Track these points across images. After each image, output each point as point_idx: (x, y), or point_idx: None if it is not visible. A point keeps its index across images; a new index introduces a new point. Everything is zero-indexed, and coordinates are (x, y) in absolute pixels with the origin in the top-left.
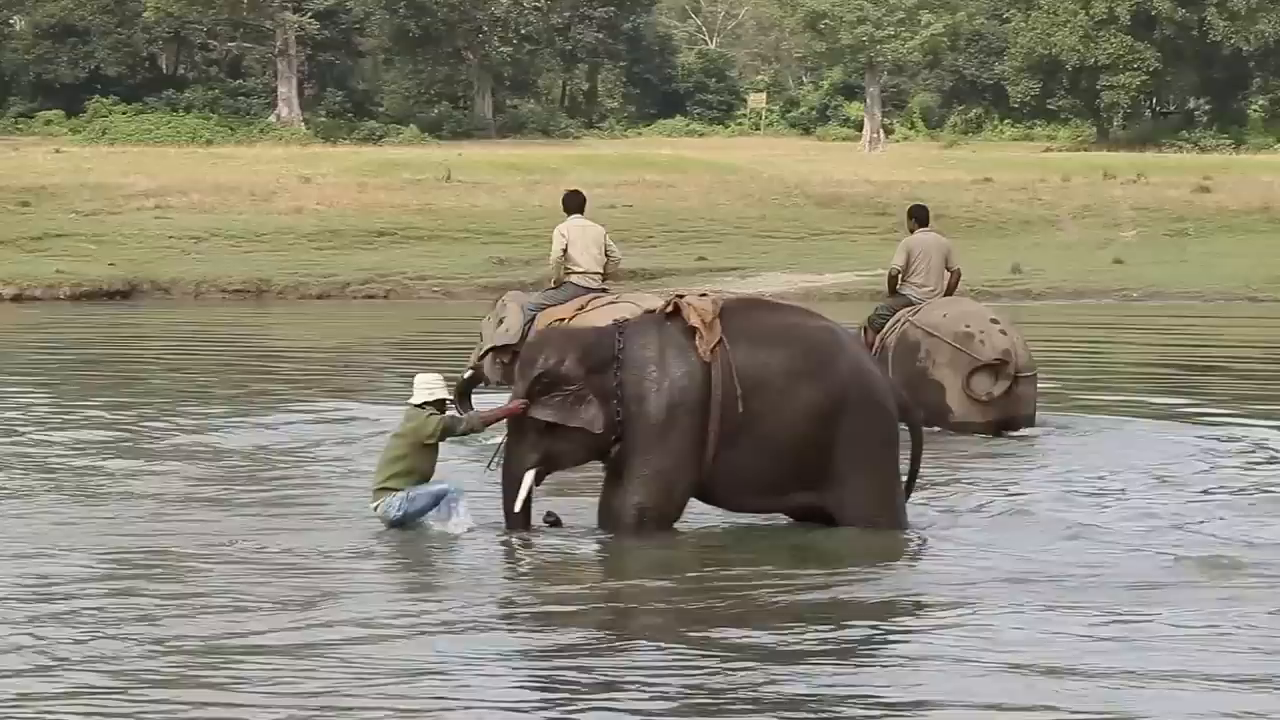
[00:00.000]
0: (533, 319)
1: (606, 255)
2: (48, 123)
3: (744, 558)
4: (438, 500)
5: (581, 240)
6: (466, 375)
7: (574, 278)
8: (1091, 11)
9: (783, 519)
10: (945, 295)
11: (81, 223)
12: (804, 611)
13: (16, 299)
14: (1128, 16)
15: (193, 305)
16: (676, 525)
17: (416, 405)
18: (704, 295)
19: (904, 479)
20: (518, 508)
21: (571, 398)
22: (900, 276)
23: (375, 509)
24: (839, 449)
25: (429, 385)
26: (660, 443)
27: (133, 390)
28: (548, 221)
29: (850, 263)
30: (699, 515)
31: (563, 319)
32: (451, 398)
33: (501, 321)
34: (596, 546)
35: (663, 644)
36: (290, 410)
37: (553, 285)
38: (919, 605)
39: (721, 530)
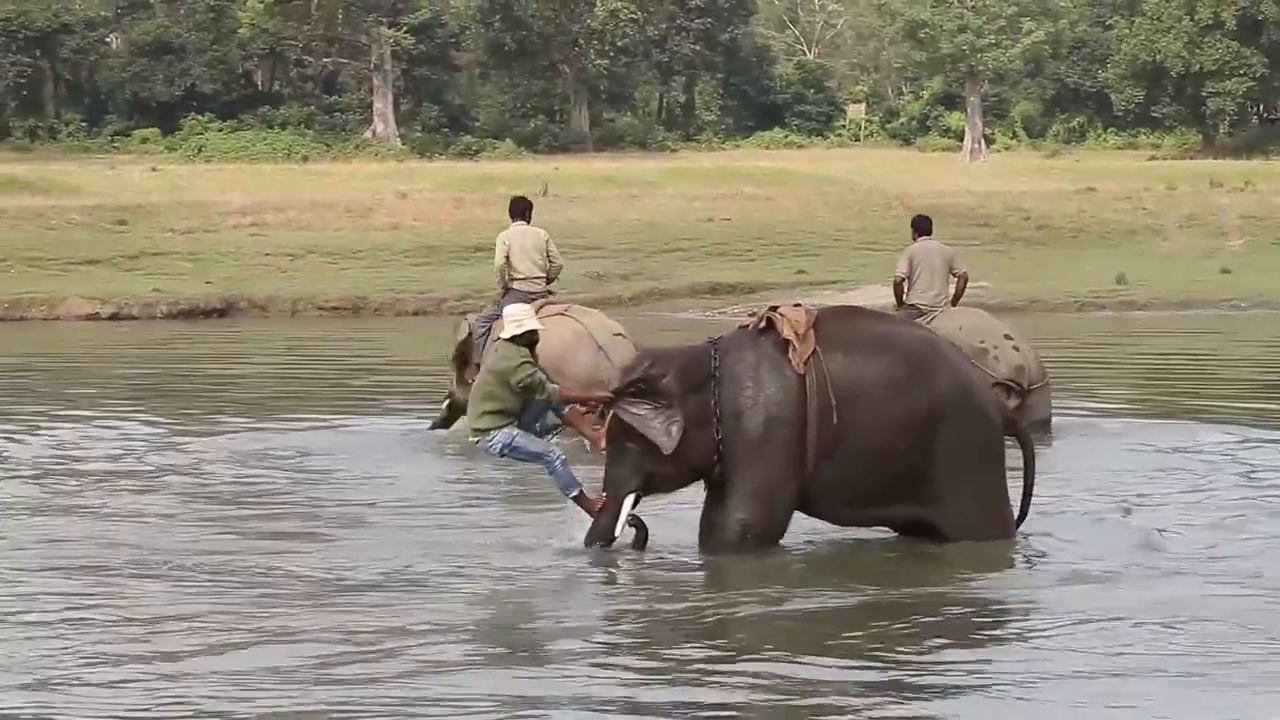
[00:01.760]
0: (486, 332)
1: (549, 260)
2: (144, 141)
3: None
4: (538, 459)
5: (522, 247)
6: (445, 404)
7: (517, 284)
8: (1197, 17)
9: (888, 533)
10: (953, 302)
11: (178, 241)
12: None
13: (114, 317)
14: (1234, 21)
15: (289, 322)
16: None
17: (507, 340)
18: (797, 306)
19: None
20: (617, 532)
21: (658, 412)
22: (905, 285)
23: (475, 442)
24: (939, 461)
25: (518, 318)
26: (759, 458)
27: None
28: (645, 236)
29: None
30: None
31: None
32: (540, 327)
33: (461, 336)
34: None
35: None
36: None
37: (501, 295)
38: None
39: (816, 546)
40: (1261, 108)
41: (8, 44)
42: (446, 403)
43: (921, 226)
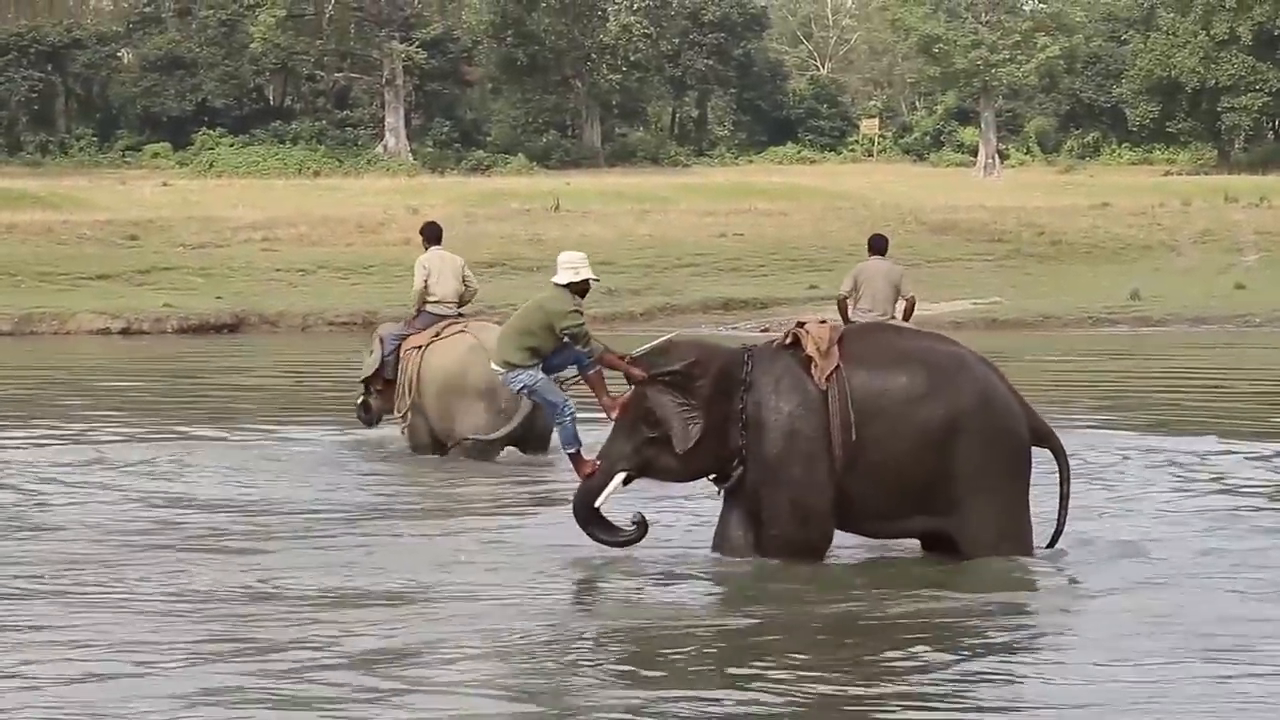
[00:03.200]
0: (396, 349)
1: (465, 284)
2: (155, 155)
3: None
4: (555, 410)
5: (441, 270)
6: (360, 402)
7: (430, 306)
8: (1212, 32)
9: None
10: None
11: (189, 256)
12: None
13: (124, 332)
14: (1250, 37)
15: (301, 338)
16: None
17: (560, 285)
18: (823, 322)
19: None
20: (598, 502)
21: (682, 409)
22: (849, 302)
23: (499, 374)
24: (959, 474)
25: (574, 264)
26: (783, 473)
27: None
28: (657, 251)
29: (965, 290)
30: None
31: (419, 346)
32: (594, 277)
33: (372, 353)
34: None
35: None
36: None
37: (414, 316)
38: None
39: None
40: (1277, 123)
41: (19, 59)
42: (361, 402)
43: (875, 245)
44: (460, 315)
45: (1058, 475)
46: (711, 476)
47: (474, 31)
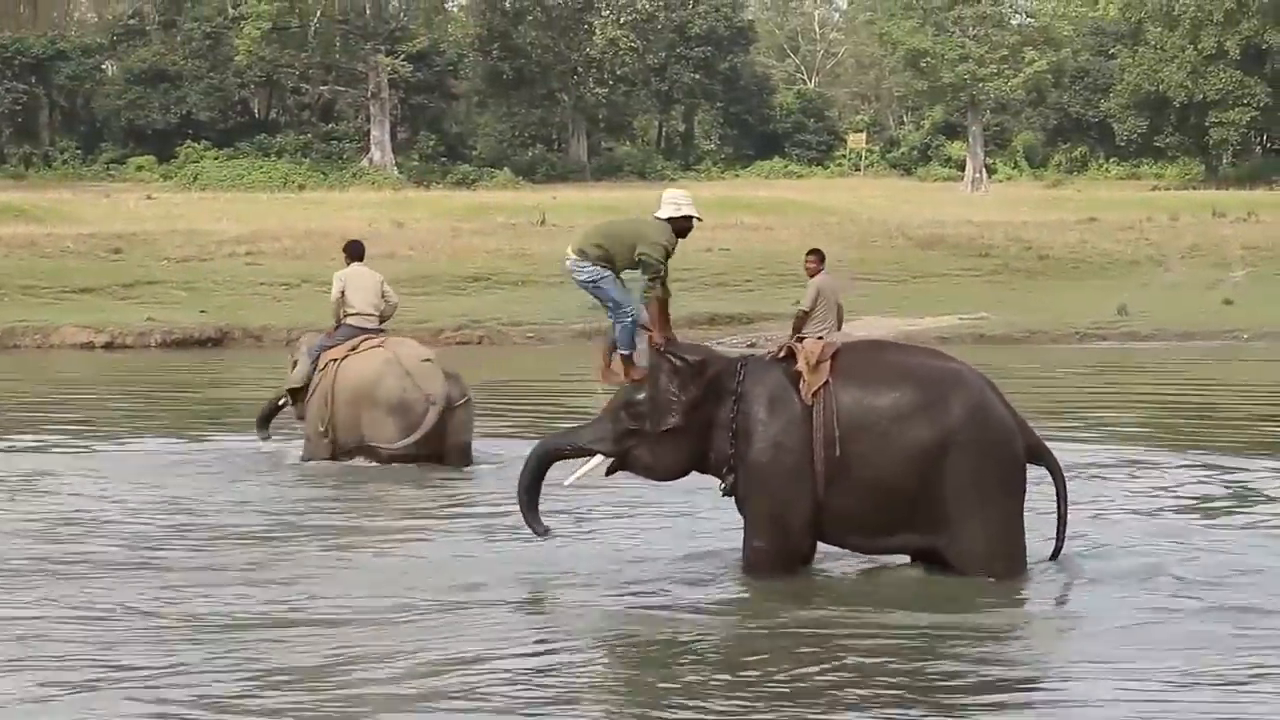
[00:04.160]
0: (316, 359)
1: (384, 300)
2: (139, 169)
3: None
4: (617, 308)
5: (358, 285)
6: (278, 402)
7: (351, 319)
8: (1200, 47)
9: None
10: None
11: (172, 270)
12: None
13: (108, 346)
14: (1237, 51)
15: (284, 352)
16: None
17: (663, 219)
18: (819, 338)
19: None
20: (569, 480)
21: (670, 398)
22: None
23: (566, 262)
24: (949, 491)
25: (677, 201)
26: (767, 485)
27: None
28: None
29: (952, 306)
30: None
31: (337, 359)
32: (697, 216)
33: (295, 365)
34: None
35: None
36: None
37: (334, 328)
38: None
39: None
40: (1265, 138)
41: (3, 71)
42: (280, 401)
43: (822, 257)
44: (381, 330)
45: (1055, 492)
46: (722, 488)
47: (460, 45)
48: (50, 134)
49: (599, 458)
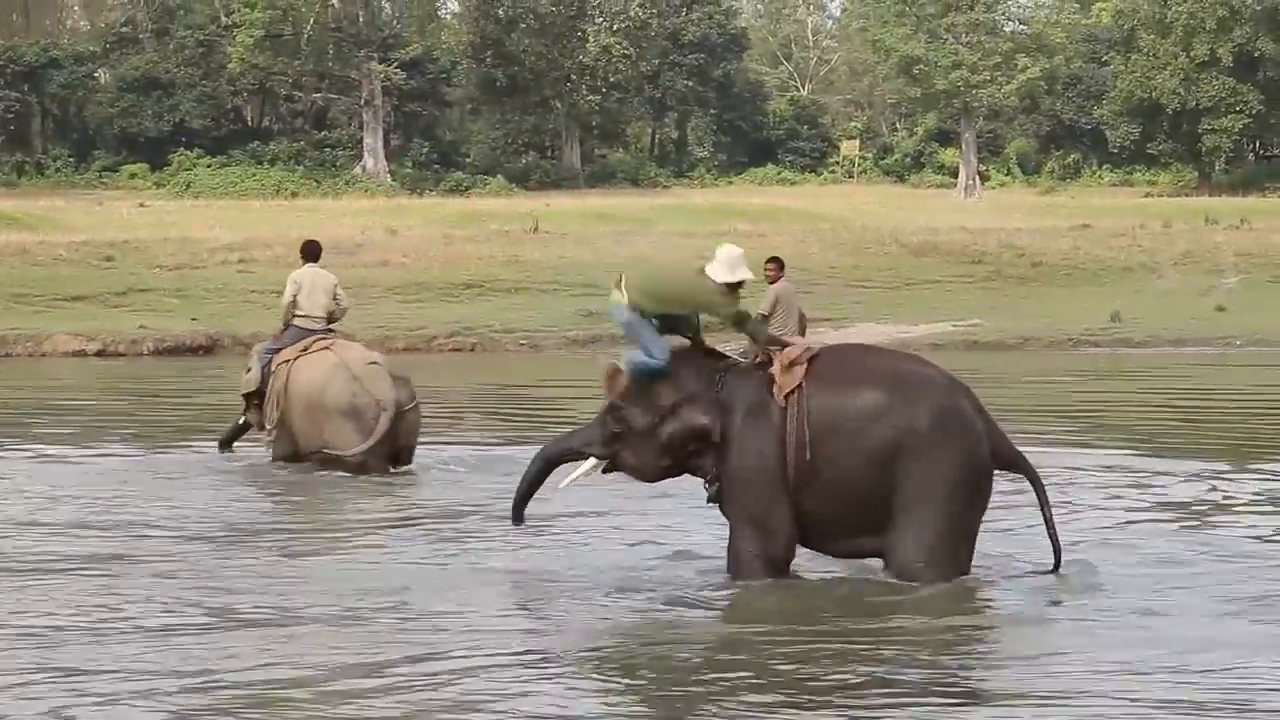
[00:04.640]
0: (268, 363)
1: (335, 302)
2: (132, 176)
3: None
4: (645, 355)
5: (311, 286)
6: (240, 422)
7: (299, 321)
8: (1193, 54)
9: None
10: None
11: (165, 277)
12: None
13: (100, 354)
14: (1230, 58)
15: None
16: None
17: (718, 282)
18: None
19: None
20: (564, 484)
21: (650, 408)
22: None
23: (611, 298)
24: (897, 495)
25: (731, 263)
26: (745, 489)
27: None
28: None
29: (945, 312)
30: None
31: (287, 360)
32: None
33: (249, 370)
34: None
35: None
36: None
37: (282, 330)
38: None
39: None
40: (1258, 145)
41: None
42: (241, 421)
43: (782, 264)
44: (330, 331)
45: (1037, 500)
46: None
47: (453, 52)
48: (43, 142)
49: (593, 460)
